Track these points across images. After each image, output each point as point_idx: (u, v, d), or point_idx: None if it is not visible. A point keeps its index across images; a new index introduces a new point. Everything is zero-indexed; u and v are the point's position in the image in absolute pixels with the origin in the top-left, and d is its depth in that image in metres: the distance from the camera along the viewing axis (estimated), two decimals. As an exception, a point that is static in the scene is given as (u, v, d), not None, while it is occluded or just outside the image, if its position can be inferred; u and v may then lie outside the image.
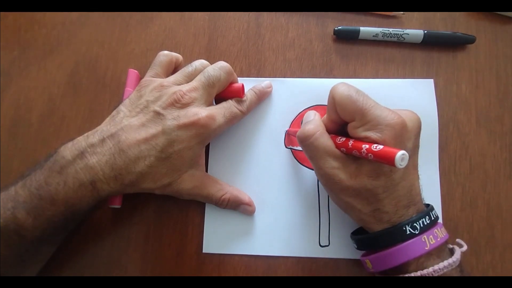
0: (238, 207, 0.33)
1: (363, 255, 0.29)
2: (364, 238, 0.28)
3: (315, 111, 0.30)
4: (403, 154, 0.22)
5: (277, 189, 0.34)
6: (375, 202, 0.26)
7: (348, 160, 0.27)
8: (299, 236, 0.33)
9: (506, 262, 0.32)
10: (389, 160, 0.22)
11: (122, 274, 0.33)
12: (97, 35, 0.39)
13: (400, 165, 0.22)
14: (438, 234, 0.26)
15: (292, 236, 0.33)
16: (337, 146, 0.27)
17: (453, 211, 0.33)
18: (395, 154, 0.22)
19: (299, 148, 0.35)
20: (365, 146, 0.24)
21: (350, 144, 0.26)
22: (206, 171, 0.34)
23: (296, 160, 0.34)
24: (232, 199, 0.32)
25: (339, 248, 0.32)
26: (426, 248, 0.25)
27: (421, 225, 0.26)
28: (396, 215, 0.26)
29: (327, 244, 0.33)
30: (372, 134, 0.25)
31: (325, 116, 0.29)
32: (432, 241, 0.25)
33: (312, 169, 0.34)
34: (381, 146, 0.24)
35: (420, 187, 0.28)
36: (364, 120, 0.25)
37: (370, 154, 0.24)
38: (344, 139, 0.27)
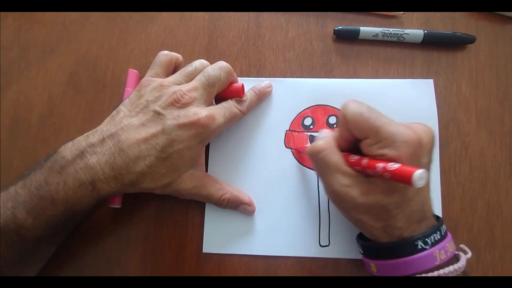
0: (238, 207, 0.33)
1: (367, 257, 0.29)
2: (374, 247, 0.28)
3: (328, 130, 0.30)
4: (421, 174, 0.21)
5: (277, 189, 0.34)
6: (388, 219, 0.25)
7: (359, 177, 0.26)
8: (299, 236, 0.33)
9: (506, 262, 0.32)
10: (407, 180, 0.22)
11: (122, 274, 0.33)
12: (97, 35, 0.39)
13: (419, 184, 0.21)
14: (448, 249, 0.26)
15: (292, 236, 0.33)
16: (350, 164, 0.26)
17: (453, 211, 0.33)
18: (412, 173, 0.21)
19: (299, 148, 0.35)
20: (380, 165, 0.24)
21: (364, 163, 0.25)
22: (206, 171, 0.34)
23: (296, 160, 0.34)
24: (232, 199, 0.32)
25: (339, 248, 0.32)
26: (436, 263, 0.25)
27: (432, 240, 0.25)
28: (408, 230, 0.25)
29: (327, 244, 0.32)
30: (388, 152, 0.24)
31: (337, 132, 0.28)
32: (442, 256, 0.25)
33: (312, 169, 0.34)
34: (397, 165, 0.23)
35: (431, 201, 0.27)
36: (379, 137, 0.25)
37: (386, 173, 0.23)
38: (357, 157, 0.26)
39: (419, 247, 0.25)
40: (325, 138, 0.28)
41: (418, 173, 0.21)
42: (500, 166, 0.34)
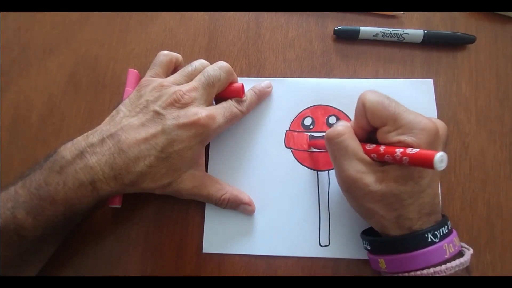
0: (238, 207, 0.33)
1: (374, 254, 0.29)
2: (382, 241, 0.28)
3: (345, 121, 0.30)
4: (442, 156, 0.21)
5: (277, 189, 0.34)
6: (400, 208, 0.26)
7: (375, 165, 0.26)
8: (299, 236, 0.33)
9: (506, 262, 0.32)
10: (427, 162, 0.22)
11: (122, 274, 0.33)
12: (97, 35, 0.39)
13: (440, 166, 0.21)
14: (456, 243, 0.26)
15: (292, 236, 0.33)
16: (367, 152, 0.27)
17: (453, 211, 0.33)
18: (433, 155, 0.21)
19: (299, 148, 0.35)
20: (399, 150, 0.24)
21: (382, 149, 0.26)
22: (206, 171, 0.34)
23: (296, 160, 0.34)
24: (232, 199, 0.32)
25: (339, 248, 0.32)
26: (446, 256, 0.25)
27: (441, 234, 0.26)
28: (418, 222, 0.26)
29: (327, 244, 0.32)
30: (406, 138, 0.25)
31: (353, 122, 0.29)
32: (451, 249, 0.25)
33: (312, 169, 0.34)
34: (416, 149, 0.23)
35: (440, 196, 0.28)
36: (397, 124, 0.25)
37: (405, 157, 0.23)
38: (374, 145, 0.27)
39: (429, 240, 0.25)
40: (344, 125, 0.28)
41: (439, 155, 0.21)
42: (500, 166, 0.34)
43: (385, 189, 0.25)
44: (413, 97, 0.35)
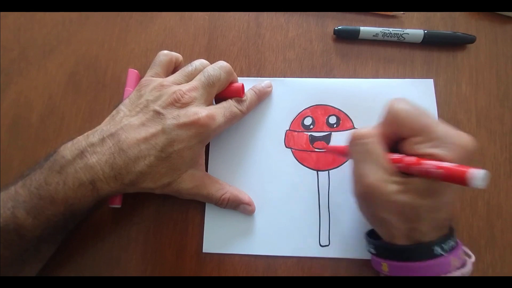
0: (238, 206, 0.33)
1: (378, 256, 0.28)
2: (389, 248, 0.27)
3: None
4: (485, 174, 0.19)
5: (277, 189, 0.34)
6: (415, 221, 0.25)
7: (397, 175, 0.25)
8: (299, 236, 0.33)
9: (506, 262, 0.32)
10: (462, 179, 0.20)
11: (122, 274, 0.33)
12: (97, 35, 0.39)
13: (481, 185, 0.20)
14: (461, 256, 0.26)
15: (292, 236, 0.33)
16: (393, 161, 0.26)
17: (453, 211, 0.33)
18: (475, 173, 0.19)
19: (299, 148, 0.35)
20: (433, 163, 0.23)
21: (410, 160, 0.24)
22: (206, 171, 0.34)
23: (296, 160, 0.34)
24: (232, 199, 0.32)
25: (339, 248, 0.32)
26: (450, 269, 0.25)
27: (448, 246, 0.25)
28: (428, 235, 0.25)
29: (327, 244, 0.32)
30: (439, 152, 0.23)
31: (378, 130, 0.27)
32: (456, 263, 0.25)
33: (313, 169, 0.34)
34: (453, 164, 0.22)
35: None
36: (430, 136, 0.24)
37: (440, 170, 0.22)
38: (400, 155, 0.26)
39: (435, 252, 0.25)
40: (370, 129, 0.27)
41: (483, 172, 0.20)
42: (500, 166, 0.34)
43: (406, 200, 0.24)
44: (413, 97, 0.34)
